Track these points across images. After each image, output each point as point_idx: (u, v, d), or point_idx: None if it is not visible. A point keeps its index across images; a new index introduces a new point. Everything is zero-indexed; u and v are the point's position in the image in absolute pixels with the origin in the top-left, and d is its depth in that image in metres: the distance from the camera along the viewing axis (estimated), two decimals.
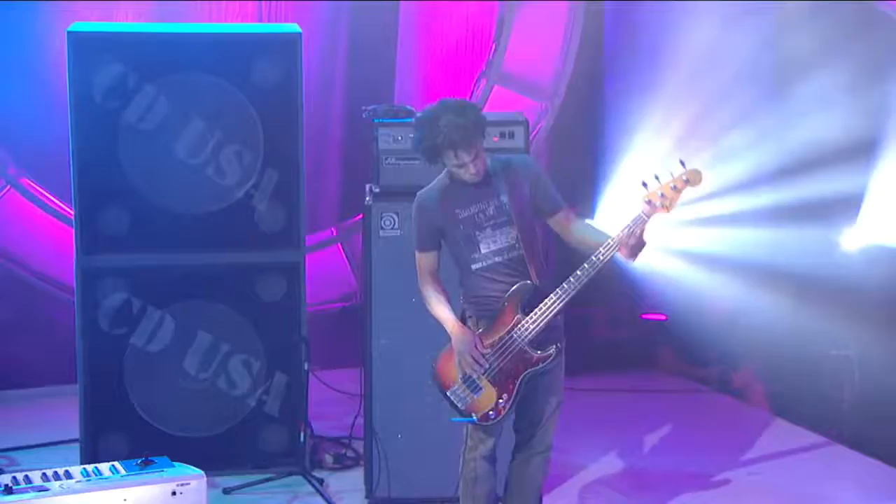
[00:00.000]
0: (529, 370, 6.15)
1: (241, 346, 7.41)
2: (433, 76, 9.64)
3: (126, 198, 7.43)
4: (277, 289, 7.52)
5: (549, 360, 6.20)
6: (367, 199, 7.39)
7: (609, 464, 7.83)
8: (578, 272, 6.07)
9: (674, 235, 8.61)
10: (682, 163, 6.19)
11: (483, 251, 6.26)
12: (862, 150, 8.56)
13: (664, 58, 9.89)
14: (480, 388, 6.16)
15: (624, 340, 9.84)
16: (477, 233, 6.26)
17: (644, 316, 9.89)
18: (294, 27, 7.80)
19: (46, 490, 5.01)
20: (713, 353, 9.18)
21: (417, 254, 6.46)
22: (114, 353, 7.42)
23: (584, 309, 9.10)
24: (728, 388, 9.25)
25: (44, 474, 5.20)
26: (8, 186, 9.00)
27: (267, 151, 7.50)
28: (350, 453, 7.88)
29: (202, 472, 5.26)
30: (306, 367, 7.34)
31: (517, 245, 6.24)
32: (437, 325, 6.62)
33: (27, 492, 5.01)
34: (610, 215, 8.95)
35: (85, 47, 7.38)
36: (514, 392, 6.18)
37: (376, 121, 7.43)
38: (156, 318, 7.25)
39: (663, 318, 9.84)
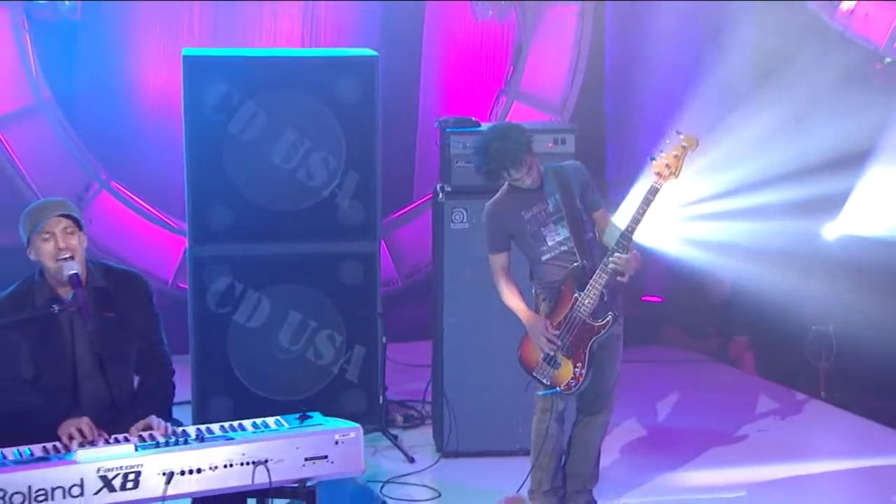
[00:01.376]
0: (595, 338, 6.23)
1: (325, 323, 7.42)
2: (454, 93, 9.58)
3: (229, 197, 7.43)
4: (356, 274, 7.53)
5: (608, 327, 6.26)
6: (440, 196, 7.43)
7: (631, 425, 7.83)
8: (609, 259, 6.14)
9: (677, 227, 8.47)
10: (679, 132, 6.25)
11: (549, 243, 6.35)
12: (842, 162, 8.46)
13: (658, 73, 9.85)
14: (559, 363, 6.25)
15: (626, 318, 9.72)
16: (541, 229, 6.35)
17: (643, 298, 9.78)
18: (371, 52, 7.81)
19: (233, 438, 4.92)
20: (711, 329, 9.18)
21: (491, 256, 6.51)
22: (219, 329, 7.42)
23: None
24: (724, 358, 9.27)
25: (221, 426, 5.11)
26: (101, 189, 8.98)
27: (348, 157, 7.50)
28: (416, 414, 7.91)
29: (358, 425, 5.14)
30: (384, 340, 7.39)
31: (570, 237, 6.33)
32: (499, 306, 6.72)
33: (218, 439, 4.92)
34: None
35: (197, 69, 7.41)
36: (587, 360, 6.25)
37: (449, 130, 7.47)
38: (254, 299, 7.28)
39: (660, 300, 9.84)
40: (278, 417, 5.13)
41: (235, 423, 5.07)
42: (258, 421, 5.10)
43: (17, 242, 5.29)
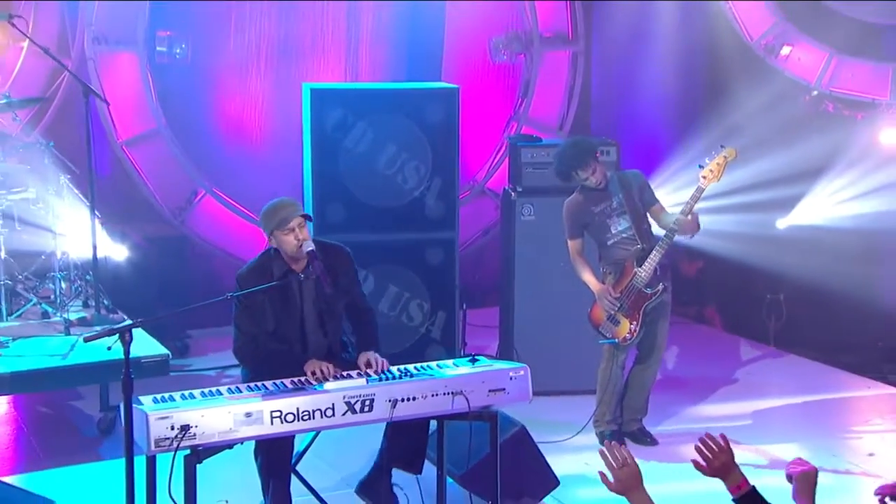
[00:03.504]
0: (648, 303, 6.37)
1: (415, 294, 7.46)
2: (472, 120, 9.33)
3: (343, 197, 7.42)
4: (439, 256, 7.53)
5: (659, 294, 6.40)
6: (512, 196, 7.51)
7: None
8: (667, 233, 6.32)
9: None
10: (722, 146, 6.41)
11: (613, 231, 6.48)
12: (790, 174, 8.40)
13: (632, 102, 9.74)
14: (619, 321, 6.38)
15: None
16: (607, 220, 6.47)
17: None
18: (452, 85, 7.85)
19: (434, 375, 5.00)
20: (689, 297, 9.11)
21: (570, 241, 6.63)
22: None
23: None
24: (702, 320, 9.27)
25: (417, 367, 5.13)
26: (206, 194, 8.97)
27: (434, 166, 7.49)
28: None
29: (526, 365, 5.19)
30: (464, 307, 7.41)
31: (631, 226, 6.46)
32: (558, 279, 7.10)
33: (425, 375, 5.01)
34: None
35: (319, 98, 7.42)
36: (641, 319, 6.39)
37: (519, 144, 7.60)
38: (361, 276, 7.29)
39: None
40: (452, 361, 5.22)
41: (428, 364, 5.17)
42: (439, 363, 5.20)
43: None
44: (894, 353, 8.37)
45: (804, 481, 3.35)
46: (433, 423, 5.27)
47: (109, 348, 4.61)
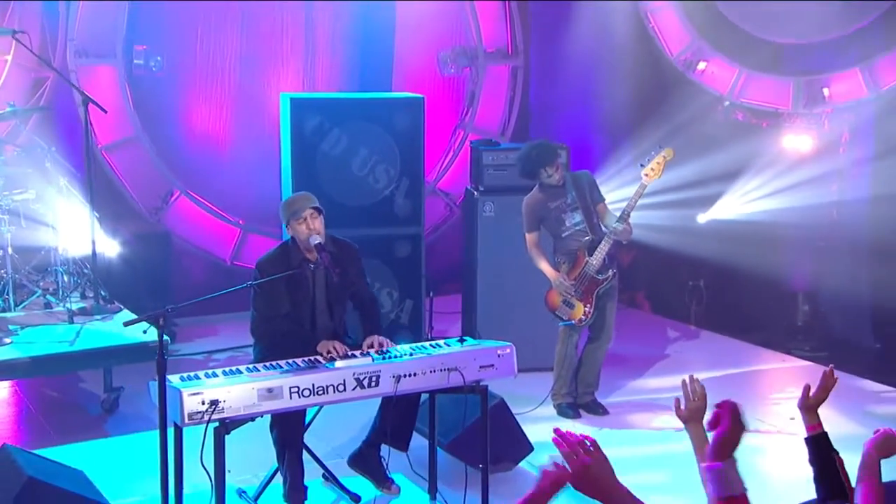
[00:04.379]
0: (599, 288, 6.48)
1: (386, 284, 7.45)
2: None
3: (320, 195, 6.65)
4: (406, 249, 7.57)
5: (609, 280, 6.51)
6: (475, 194, 7.55)
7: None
8: (614, 225, 6.37)
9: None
10: (660, 146, 6.50)
11: (567, 225, 6.56)
12: (708, 176, 8.49)
13: (565, 110, 9.77)
14: (573, 305, 6.46)
15: None
16: (562, 215, 6.55)
17: None
18: (418, 95, 7.84)
19: (433, 353, 5.05)
20: (623, 284, 8.85)
21: (528, 234, 6.66)
22: None
23: None
24: (633, 305, 9.30)
25: (417, 346, 5.17)
26: (181, 194, 8.88)
27: (402, 168, 7.52)
28: None
29: (511, 343, 5.24)
30: (430, 294, 7.45)
31: (582, 220, 6.55)
32: (516, 268, 7.11)
33: (423, 353, 5.04)
34: None
35: (298, 107, 7.41)
36: (594, 303, 6.49)
37: (481, 148, 7.64)
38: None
39: None
40: (443, 341, 5.26)
41: (423, 344, 5.23)
42: (432, 343, 5.24)
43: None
44: (797, 330, 8.58)
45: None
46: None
47: (145, 332, 4.60)
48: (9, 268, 6.80)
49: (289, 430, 5.03)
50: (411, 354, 5.04)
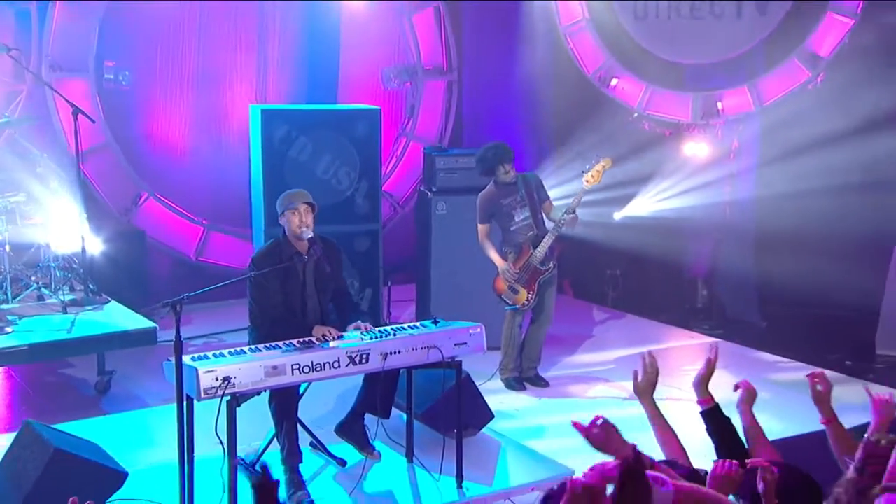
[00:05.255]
0: (541, 277, 6.67)
1: (349, 275, 6.96)
2: None
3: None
4: (366, 244, 7.64)
5: (550, 270, 6.69)
6: (429, 194, 7.63)
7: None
8: (556, 223, 6.57)
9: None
10: (599, 157, 6.68)
11: (516, 220, 6.72)
12: (626, 178, 8.64)
13: (496, 119, 9.74)
14: (518, 291, 6.63)
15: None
16: (512, 211, 6.70)
17: None
18: (375, 107, 7.90)
19: (414, 333, 5.09)
20: None
21: (480, 226, 6.77)
22: None
23: None
24: (560, 291, 8.43)
25: (400, 327, 5.19)
26: (149, 197, 8.80)
27: (361, 171, 7.57)
28: None
29: (480, 324, 5.29)
30: (388, 284, 7.57)
31: (529, 216, 6.72)
32: (466, 259, 7.21)
33: (406, 333, 5.07)
34: None
35: (268, 117, 7.41)
36: (536, 290, 6.67)
37: (434, 153, 7.72)
38: None
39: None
40: (419, 323, 5.35)
41: (401, 325, 5.28)
42: (411, 325, 5.31)
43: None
44: (697, 311, 8.86)
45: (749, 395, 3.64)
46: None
47: (162, 317, 4.63)
48: (6, 264, 6.71)
49: (286, 402, 5.07)
50: (395, 335, 5.11)
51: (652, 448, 3.52)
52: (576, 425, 3.05)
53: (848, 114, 7.84)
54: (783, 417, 5.84)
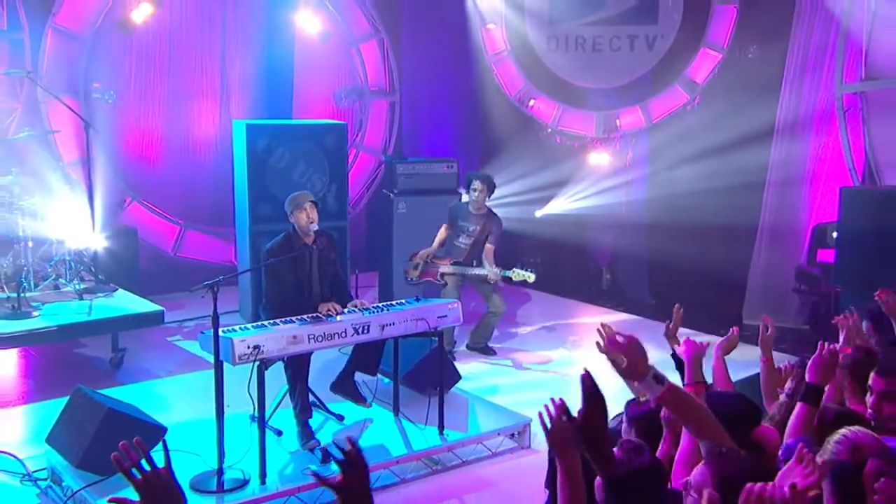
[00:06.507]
0: (438, 276, 6.95)
1: None
2: None
3: (270, 198, 7.39)
4: (336, 237, 7.65)
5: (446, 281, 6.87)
6: (391, 196, 7.74)
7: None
8: (491, 270, 6.71)
9: None
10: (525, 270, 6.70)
11: (458, 241, 6.92)
12: (545, 183, 9.05)
13: (435, 134, 9.89)
14: (415, 268, 6.95)
15: None
16: (461, 233, 6.90)
17: None
18: (342, 122, 7.98)
19: (404, 308, 5.17)
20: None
21: (443, 227, 6.92)
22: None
23: None
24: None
25: (392, 304, 5.30)
26: (133, 200, 8.74)
27: (331, 176, 7.68)
28: None
29: (457, 300, 5.54)
30: (356, 272, 7.42)
31: (467, 247, 6.92)
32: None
33: (398, 308, 5.20)
34: None
35: (252, 131, 7.47)
36: (420, 278, 6.96)
37: (394, 161, 7.86)
38: None
39: None
40: (405, 300, 5.48)
41: (390, 303, 5.42)
42: (399, 302, 5.44)
43: None
44: (603, 293, 9.20)
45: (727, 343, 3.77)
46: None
47: (203, 296, 4.74)
48: (29, 258, 6.65)
49: (299, 368, 5.21)
50: (389, 309, 5.27)
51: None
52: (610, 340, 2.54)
53: (719, 130, 8.26)
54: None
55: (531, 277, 6.61)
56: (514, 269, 6.66)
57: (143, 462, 1.98)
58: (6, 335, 5.96)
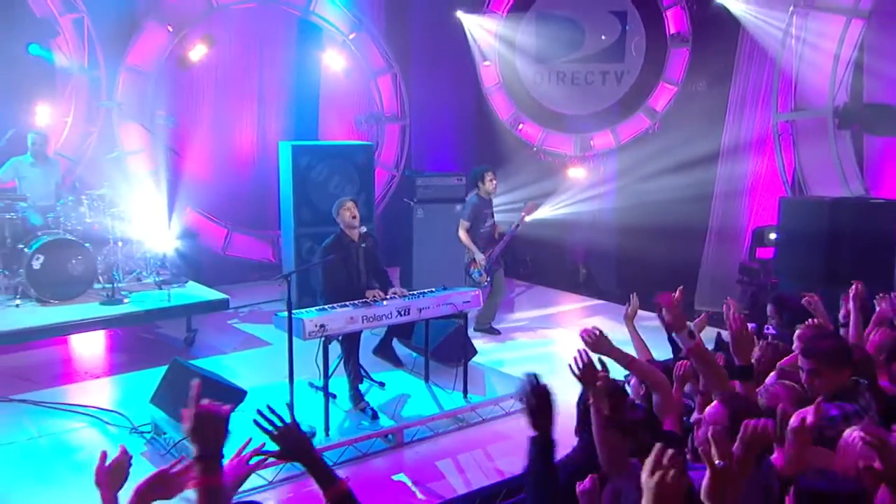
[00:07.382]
0: (501, 265, 7.14)
1: None
2: None
3: (310, 204, 7.62)
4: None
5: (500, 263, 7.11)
6: (411, 203, 7.87)
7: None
8: (502, 238, 6.89)
9: None
10: (531, 200, 7.05)
11: (486, 225, 7.02)
12: (532, 194, 8.87)
13: (437, 153, 9.83)
14: (482, 273, 6.99)
15: None
16: (486, 219, 7.00)
17: None
18: (370, 143, 8.10)
19: (433, 295, 5.36)
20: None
21: (463, 222, 6.87)
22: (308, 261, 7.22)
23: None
24: None
25: (413, 294, 5.38)
26: (192, 209, 8.91)
27: (360, 187, 7.83)
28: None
29: (476, 289, 5.61)
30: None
31: (492, 226, 7.07)
32: (437, 252, 7.54)
33: (429, 295, 5.36)
34: None
35: (297, 151, 7.63)
36: (492, 274, 7.06)
37: (415, 175, 8.00)
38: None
39: None
40: (433, 289, 5.61)
41: (422, 291, 5.59)
42: (429, 290, 5.61)
43: None
44: (580, 285, 9.31)
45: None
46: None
47: (281, 285, 5.02)
48: (118, 255, 6.95)
49: (353, 343, 5.46)
50: (424, 295, 5.51)
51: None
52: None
53: (675, 150, 8.47)
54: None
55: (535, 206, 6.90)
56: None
57: (275, 419, 2.08)
58: (105, 318, 6.25)
